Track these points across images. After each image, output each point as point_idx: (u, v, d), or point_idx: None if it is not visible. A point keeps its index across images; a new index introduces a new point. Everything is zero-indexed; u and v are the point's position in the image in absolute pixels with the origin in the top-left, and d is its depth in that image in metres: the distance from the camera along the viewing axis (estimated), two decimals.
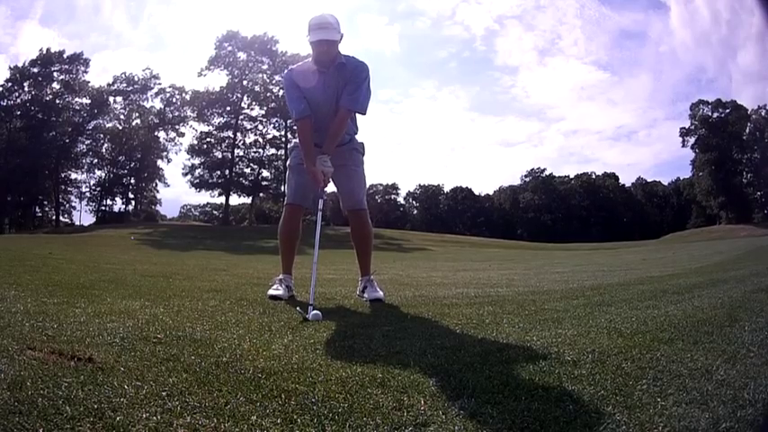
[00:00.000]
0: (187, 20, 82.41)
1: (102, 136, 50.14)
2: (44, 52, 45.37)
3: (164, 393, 1.38)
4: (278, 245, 3.67)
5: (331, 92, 3.31)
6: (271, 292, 3.38)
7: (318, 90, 3.31)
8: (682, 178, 66.33)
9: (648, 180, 76.11)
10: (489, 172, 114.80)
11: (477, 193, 77.78)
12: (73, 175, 50.50)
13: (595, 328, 2.41)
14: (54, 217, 49.05)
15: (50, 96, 46.33)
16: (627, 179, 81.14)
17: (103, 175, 51.32)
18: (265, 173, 49.97)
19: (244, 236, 33.52)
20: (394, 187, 79.03)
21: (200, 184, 48.28)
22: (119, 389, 1.38)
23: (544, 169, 75.47)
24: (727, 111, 52.86)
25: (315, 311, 2.59)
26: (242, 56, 47.99)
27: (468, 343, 2.10)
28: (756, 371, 1.67)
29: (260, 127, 49.63)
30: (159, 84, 49.04)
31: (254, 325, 2.37)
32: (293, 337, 2.12)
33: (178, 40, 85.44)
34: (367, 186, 3.71)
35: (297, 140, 3.74)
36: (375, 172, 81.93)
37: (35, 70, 45.15)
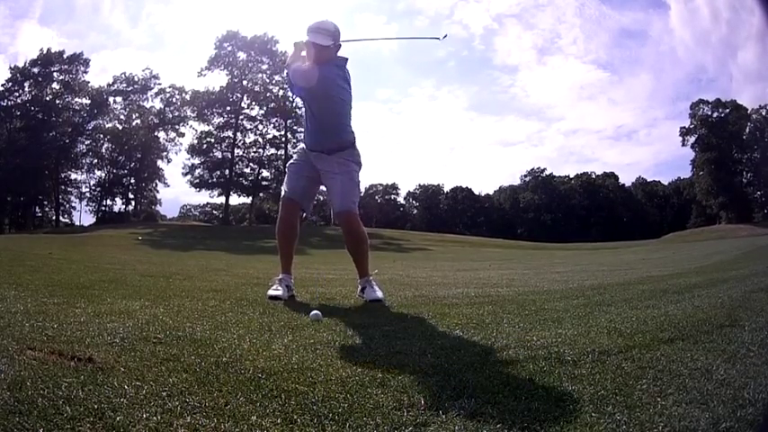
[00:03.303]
0: (187, 20, 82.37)
1: (102, 136, 50.06)
2: (44, 52, 45.40)
3: (164, 393, 1.38)
4: (277, 245, 3.66)
5: (327, 82, 3.26)
6: (270, 292, 3.38)
7: (318, 85, 3.26)
8: (682, 178, 66.33)
9: (648, 180, 76.02)
10: (489, 172, 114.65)
11: (476, 192, 77.73)
12: (73, 176, 50.49)
13: (595, 327, 2.41)
14: (54, 217, 49.02)
15: (50, 96, 46.29)
16: (627, 179, 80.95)
17: (103, 175, 51.30)
18: (265, 173, 49.96)
19: (244, 236, 33.51)
20: (394, 187, 79.00)
21: (200, 184, 48.29)
22: (119, 389, 1.38)
23: (544, 169, 75.49)
24: (727, 110, 52.77)
25: (315, 311, 2.59)
26: (242, 56, 48.04)
27: (468, 343, 2.10)
28: (756, 371, 1.67)
29: (260, 127, 49.70)
30: (159, 84, 49.06)
31: (254, 325, 2.37)
32: (293, 337, 2.12)
33: (178, 40, 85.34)
34: (360, 194, 3.66)
35: (302, 146, 3.73)
36: (375, 172, 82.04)
37: (35, 70, 45.14)
